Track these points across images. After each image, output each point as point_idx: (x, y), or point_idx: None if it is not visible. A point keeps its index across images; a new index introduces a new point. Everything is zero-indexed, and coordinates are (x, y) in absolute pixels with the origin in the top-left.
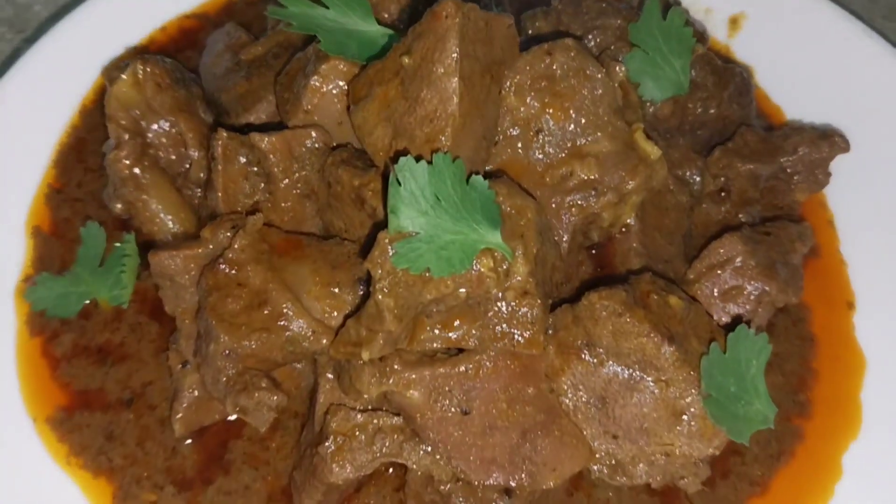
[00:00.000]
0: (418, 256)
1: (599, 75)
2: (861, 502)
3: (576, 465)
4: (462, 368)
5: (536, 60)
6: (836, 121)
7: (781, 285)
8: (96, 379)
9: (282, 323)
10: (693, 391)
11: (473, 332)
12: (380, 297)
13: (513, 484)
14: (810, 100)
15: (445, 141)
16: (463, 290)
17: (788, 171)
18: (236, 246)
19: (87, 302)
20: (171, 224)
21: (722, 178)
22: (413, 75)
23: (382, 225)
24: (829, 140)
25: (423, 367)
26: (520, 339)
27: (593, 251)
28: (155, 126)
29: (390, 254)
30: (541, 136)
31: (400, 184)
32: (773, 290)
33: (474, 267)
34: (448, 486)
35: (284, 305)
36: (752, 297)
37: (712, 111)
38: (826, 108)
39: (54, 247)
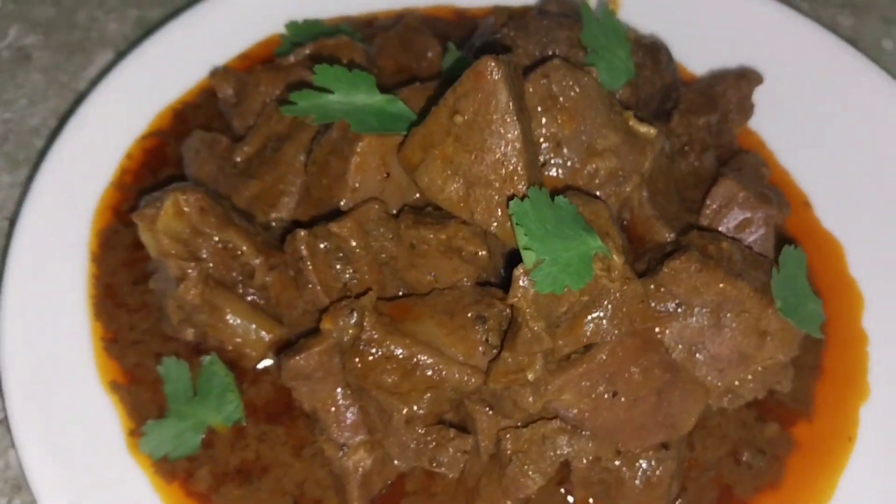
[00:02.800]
0: (555, 279)
1: (590, 81)
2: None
3: (701, 404)
4: (601, 358)
5: (536, 85)
6: (727, 58)
7: (776, 205)
8: (251, 497)
9: (440, 377)
10: (769, 310)
11: (602, 325)
12: (532, 324)
13: (665, 439)
14: (698, 47)
15: (523, 176)
16: (585, 294)
17: (724, 112)
18: (367, 326)
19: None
20: (254, 333)
21: (684, 136)
22: (469, 130)
23: (483, 265)
24: (747, 77)
25: (566, 370)
26: (635, 317)
27: (624, 223)
28: (206, 247)
29: (530, 285)
30: (563, 147)
31: (520, 224)
32: (773, 211)
33: None
34: (614, 461)
35: (434, 362)
36: (760, 223)
37: (657, 83)
38: (713, 49)
39: (140, 394)
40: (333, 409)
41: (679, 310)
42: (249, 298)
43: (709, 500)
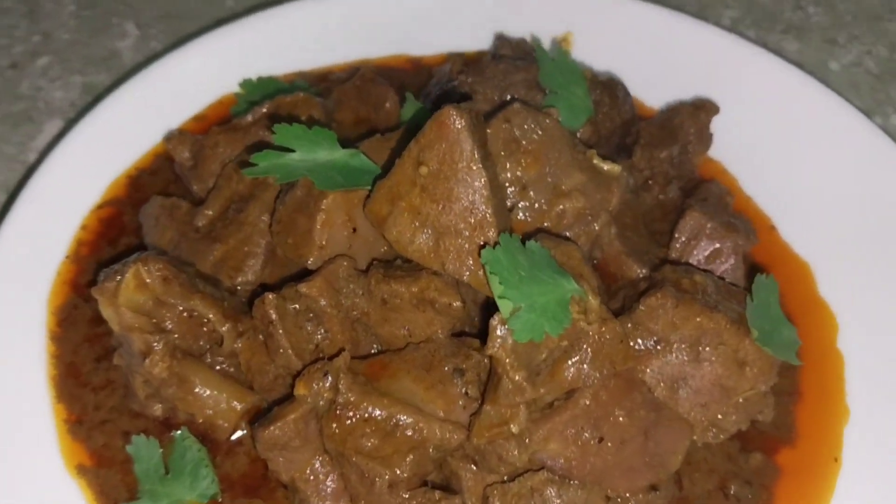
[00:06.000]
0: (533, 326)
1: (551, 123)
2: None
3: (686, 441)
4: (584, 403)
5: (499, 129)
6: (681, 90)
7: (744, 234)
8: None
9: (421, 437)
10: (746, 340)
11: (583, 369)
12: (513, 374)
13: (654, 480)
14: (652, 81)
15: (492, 223)
16: (563, 339)
17: (684, 143)
18: (342, 389)
19: None
20: (225, 403)
21: (647, 171)
22: (435, 180)
23: (458, 315)
24: (704, 108)
25: (550, 419)
26: (616, 358)
27: (595, 262)
28: (171, 317)
29: (508, 334)
30: (529, 190)
31: (493, 272)
32: (741, 239)
33: None
34: None
35: (414, 422)
36: (730, 252)
37: (617, 119)
38: (667, 82)
39: (109, 476)
40: (312, 478)
41: (658, 347)
42: (218, 367)
43: None
